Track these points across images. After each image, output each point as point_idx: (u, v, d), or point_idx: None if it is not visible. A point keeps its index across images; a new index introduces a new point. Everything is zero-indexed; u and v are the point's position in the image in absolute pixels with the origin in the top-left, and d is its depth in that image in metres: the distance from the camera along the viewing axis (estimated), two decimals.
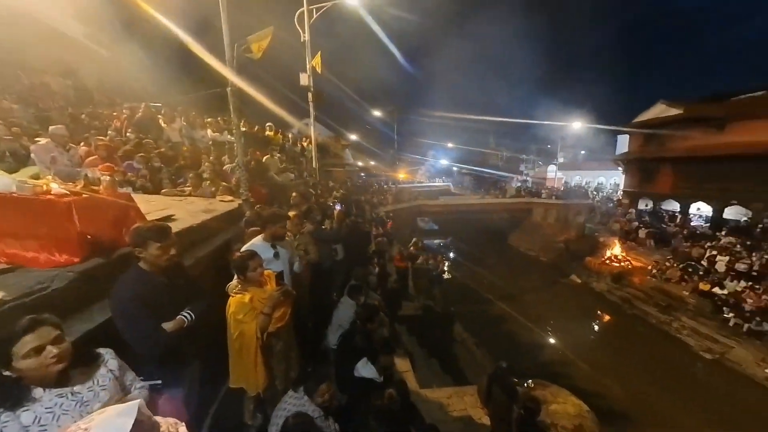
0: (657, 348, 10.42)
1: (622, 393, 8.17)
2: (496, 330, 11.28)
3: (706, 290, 11.48)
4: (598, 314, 12.88)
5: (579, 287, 15.31)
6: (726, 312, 10.38)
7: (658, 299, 12.40)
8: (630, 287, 13.82)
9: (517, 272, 17.69)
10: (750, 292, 10.56)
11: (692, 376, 9.15)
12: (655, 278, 13.50)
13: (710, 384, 8.77)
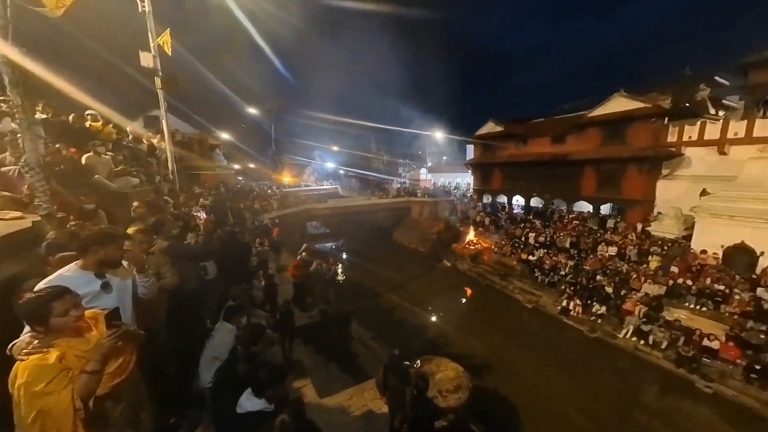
0: (501, 307, 13.64)
1: (483, 348, 10.29)
2: (388, 320, 12.16)
3: (525, 258, 15.85)
4: (463, 289, 15.77)
5: (449, 270, 18.36)
6: (536, 272, 14.64)
7: (499, 270, 16.28)
8: (482, 264, 17.59)
9: (402, 264, 19.62)
10: (546, 256, 15.24)
11: (522, 322, 12.44)
12: (497, 254, 17.66)
13: (531, 325, 12.17)
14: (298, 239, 16.42)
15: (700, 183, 14.17)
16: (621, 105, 16.71)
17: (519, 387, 8.47)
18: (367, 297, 14.22)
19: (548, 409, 7.79)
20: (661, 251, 13.14)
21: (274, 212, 18.63)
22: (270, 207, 19.49)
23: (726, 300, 9.78)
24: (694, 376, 8.48)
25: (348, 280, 16.62)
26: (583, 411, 7.80)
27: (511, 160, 23.39)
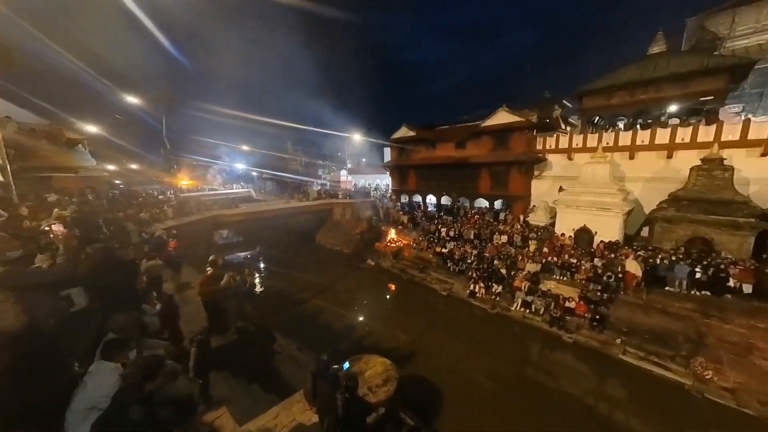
0: (421, 297, 14.80)
1: (407, 338, 10.99)
2: (315, 326, 11.77)
3: (439, 251, 17.57)
4: (387, 286, 16.48)
5: (373, 268, 18.92)
6: (448, 262, 16.41)
7: (419, 264, 17.62)
8: (403, 260, 18.73)
9: (326, 267, 19.28)
10: (456, 247, 17.24)
11: (439, 308, 13.76)
12: (415, 250, 19.07)
13: (447, 310, 13.58)
14: (204, 251, 14.35)
15: (558, 182, 18.31)
16: (504, 118, 20.21)
17: (439, 366, 9.38)
18: (291, 305, 13.48)
19: (463, 380, 8.87)
20: (537, 236, 16.45)
21: (170, 222, 15.82)
22: (163, 216, 16.46)
23: (577, 270, 12.92)
24: (561, 332, 10.93)
25: (269, 290, 15.39)
26: (490, 375, 9.17)
27: (423, 163, 25.61)
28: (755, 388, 7.83)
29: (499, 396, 8.37)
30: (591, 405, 8.10)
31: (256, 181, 41.05)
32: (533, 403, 8.09)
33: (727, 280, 10.31)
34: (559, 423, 7.45)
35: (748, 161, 13.03)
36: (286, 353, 8.57)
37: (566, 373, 9.48)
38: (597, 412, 7.83)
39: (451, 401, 7.90)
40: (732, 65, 15.20)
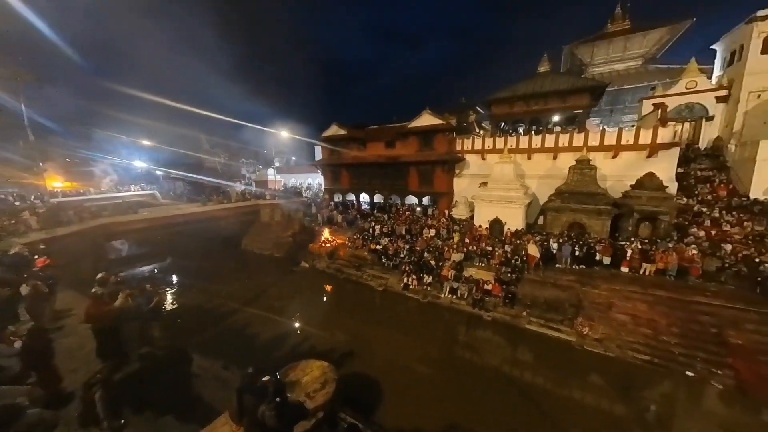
0: (358, 295, 14.92)
1: (346, 337, 10.96)
2: (244, 339, 10.77)
3: (373, 248, 17.95)
4: (323, 287, 16.10)
5: (308, 271, 18.25)
6: (383, 259, 16.91)
7: (354, 262, 17.69)
8: (339, 259, 18.55)
9: (255, 274, 17.81)
10: (389, 243, 17.87)
11: (375, 304, 14.09)
12: (351, 248, 19.08)
13: (383, 304, 14.01)
14: (91, 268, 11.68)
15: (475, 179, 20.58)
16: (428, 120, 21.73)
17: (377, 360, 9.63)
18: (215, 321, 12.03)
19: (401, 370, 9.30)
20: (459, 228, 18.22)
21: (36, 234, 12.43)
22: (23, 227, 12.84)
23: (492, 256, 14.79)
24: (482, 312, 12.38)
25: (185, 307, 13.43)
26: (424, 360, 9.81)
27: (356, 162, 25.74)
28: (614, 336, 10.23)
29: (433, 379, 9.04)
30: (507, 371, 9.42)
31: (163, 181, 35.21)
32: (463, 379, 8.99)
33: (595, 255, 13.20)
34: (485, 391, 8.45)
35: (605, 162, 16.83)
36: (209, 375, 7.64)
37: (487, 347, 10.79)
38: (512, 376, 9.15)
39: (391, 392, 8.20)
40: (592, 86, 19.38)
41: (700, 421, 7.65)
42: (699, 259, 11.71)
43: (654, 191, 14.23)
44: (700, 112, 21.08)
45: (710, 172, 18.69)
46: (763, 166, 15.64)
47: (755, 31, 18.09)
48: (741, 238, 13.20)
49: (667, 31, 29.19)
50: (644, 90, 27.23)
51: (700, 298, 10.64)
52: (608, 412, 7.85)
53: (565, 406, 7.92)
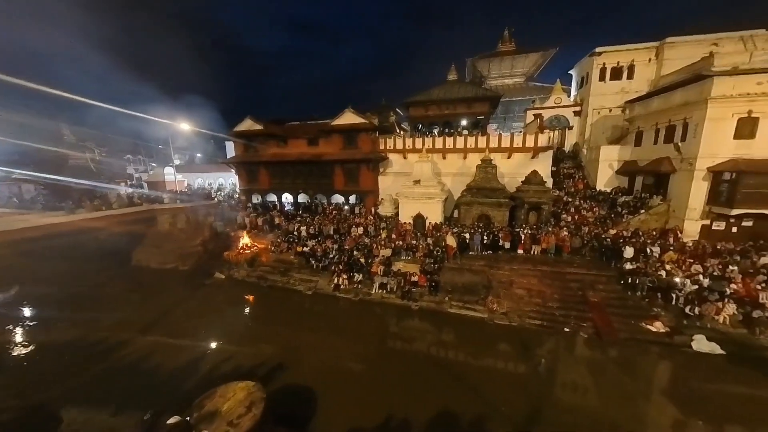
0: (285, 302, 13.98)
1: (274, 348, 10.13)
2: (142, 374, 8.89)
3: (300, 251, 17.09)
4: (244, 298, 14.55)
5: (225, 282, 16.20)
6: (311, 261, 16.25)
7: (279, 267, 16.52)
8: (261, 266, 17.03)
9: (154, 294, 14.90)
10: (317, 244, 17.28)
11: (305, 309, 13.45)
12: (275, 253, 17.74)
13: (313, 308, 13.46)
14: None
15: (398, 177, 21.57)
16: (351, 119, 21.73)
17: (311, 367, 9.21)
18: (93, 359, 9.58)
19: (336, 372, 9.10)
20: (386, 225, 18.86)
21: None
22: None
23: (417, 249, 15.79)
24: (410, 302, 13.11)
25: (44, 347, 10.30)
26: (359, 358, 9.84)
27: (276, 159, 23.98)
28: (516, 308, 12.16)
29: (369, 374, 9.13)
30: (435, 353, 10.21)
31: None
32: (397, 369, 9.33)
33: (499, 242, 15.41)
34: (417, 376, 8.96)
35: (503, 161, 19.76)
36: (91, 427, 6.07)
37: (417, 334, 11.49)
38: (440, 357, 9.95)
39: (328, 397, 7.95)
40: (490, 96, 22.45)
41: (573, 365, 9.76)
42: (568, 239, 14.86)
43: (538, 186, 17.40)
44: (564, 123, 26.69)
45: (572, 170, 23.90)
46: (603, 165, 20.79)
47: (595, 63, 23.83)
48: (593, 220, 17.29)
49: (540, 56, 35.92)
50: (527, 102, 32.96)
51: (570, 269, 13.53)
52: (514, 372, 9.30)
53: (483, 375, 9.03)
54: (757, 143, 13.77)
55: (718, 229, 14.80)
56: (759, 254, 12.94)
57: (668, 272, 12.07)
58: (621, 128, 22.57)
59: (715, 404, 7.97)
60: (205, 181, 37.49)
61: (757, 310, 10.36)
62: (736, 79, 13.70)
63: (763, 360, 9.29)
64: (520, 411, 7.56)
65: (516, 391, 8.34)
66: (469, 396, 8.08)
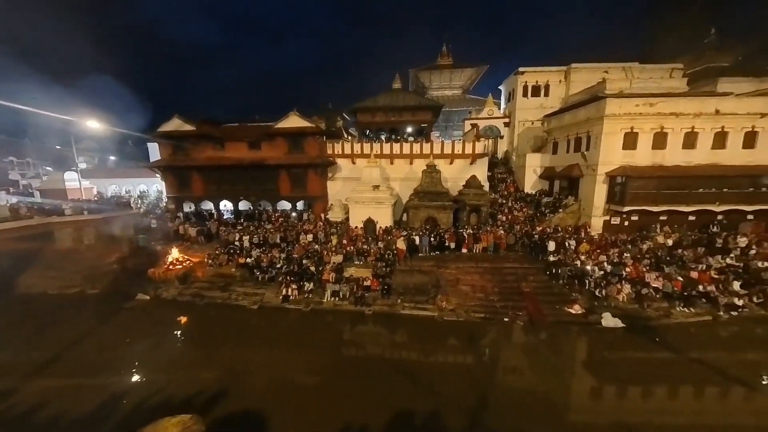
0: (227, 320, 12.72)
1: (214, 374, 9.10)
2: (36, 427, 7.17)
3: (243, 262, 15.78)
4: (175, 321, 12.83)
5: (150, 304, 14.08)
6: (256, 272, 15.12)
7: (219, 282, 15.00)
8: (196, 282, 15.26)
9: (50, 325, 12.24)
10: (263, 254, 16.15)
11: (250, 325, 12.41)
12: (212, 266, 16.07)
13: (259, 324, 12.50)
14: None
15: (347, 182, 21.44)
16: (296, 122, 20.98)
17: (259, 387, 8.51)
18: None
19: (287, 389, 8.55)
20: (337, 231, 18.55)
21: None
22: None
23: (368, 253, 15.83)
24: (363, 308, 13.03)
25: None
26: (312, 370, 9.40)
27: (212, 164, 21.87)
28: (462, 304, 12.96)
29: (324, 386, 8.77)
30: (389, 356, 10.29)
31: None
32: (353, 378, 9.15)
33: (445, 242, 16.32)
34: (372, 381, 8.90)
35: (445, 167, 21.05)
36: None
37: (371, 339, 11.46)
38: (393, 359, 10.06)
39: (279, 418, 7.39)
40: (432, 106, 23.84)
41: (512, 350, 10.80)
42: (504, 237, 16.44)
43: (477, 189, 18.93)
44: (496, 132, 29.64)
45: (504, 174, 26.60)
46: (529, 171, 23.57)
47: (519, 81, 27.04)
48: (523, 219, 19.44)
49: (474, 71, 39.47)
50: (465, 113, 35.80)
51: (506, 264, 14.97)
52: (463, 364, 9.87)
53: (436, 371, 9.39)
54: (638, 153, 17.09)
55: (615, 224, 17.89)
56: (643, 242, 16.01)
57: (582, 262, 14.16)
58: (541, 138, 25.90)
59: (619, 368, 9.59)
60: (121, 187, 32.34)
61: (644, 288, 12.77)
62: (622, 101, 16.86)
63: (650, 328, 11.44)
64: (470, 400, 8.04)
65: (466, 382, 8.85)
66: (424, 394, 8.32)
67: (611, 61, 24.64)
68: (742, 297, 12.32)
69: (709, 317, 12.00)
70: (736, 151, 16.77)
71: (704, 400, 8.45)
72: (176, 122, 21.71)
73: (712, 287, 12.59)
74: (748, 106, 16.50)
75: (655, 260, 14.39)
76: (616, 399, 8.59)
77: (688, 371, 9.23)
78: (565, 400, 8.51)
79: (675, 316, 12.05)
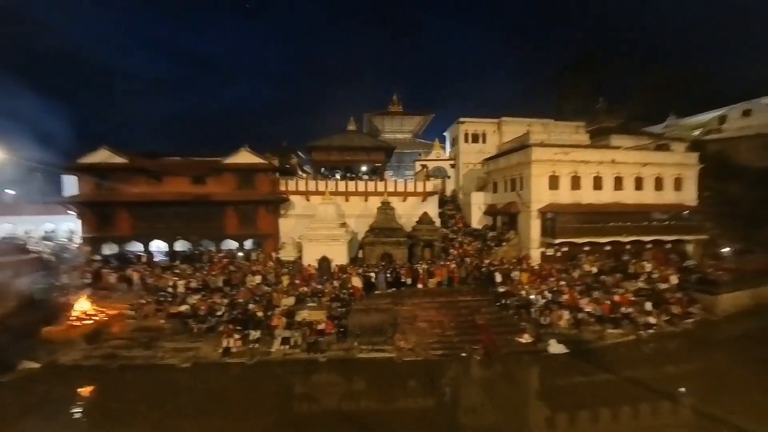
0: (148, 386, 10.54)
1: None
2: None
3: (175, 312, 13.71)
4: (75, 393, 10.23)
5: (40, 373, 11.11)
6: (190, 323, 13.18)
7: (141, 338, 12.65)
8: (111, 340, 12.67)
9: None
10: (201, 301, 14.29)
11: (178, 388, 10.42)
12: (135, 319, 13.62)
13: (191, 385, 10.56)
14: None
15: (301, 220, 20.82)
16: (247, 158, 20.38)
17: None
18: None
19: None
20: (289, 270, 17.45)
21: None
22: None
23: (323, 294, 15.01)
24: (317, 354, 11.97)
25: None
26: None
27: (147, 200, 19.64)
28: (420, 342, 12.70)
29: None
30: (345, 407, 9.35)
31: None
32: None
33: (401, 278, 16.33)
34: None
35: (399, 204, 21.85)
36: None
37: (326, 390, 10.42)
38: (350, 410, 9.13)
39: None
40: (385, 147, 25.30)
41: (470, 386, 10.70)
42: (456, 270, 17.08)
43: (429, 225, 19.81)
44: (444, 173, 32.19)
45: (453, 211, 28.47)
46: (474, 207, 25.64)
47: (461, 128, 30.47)
48: (473, 252, 20.60)
49: (422, 118, 43.56)
50: (415, 155, 38.56)
51: (460, 297, 15.37)
52: (423, 408, 9.39)
53: (396, 418, 8.73)
54: (561, 193, 19.85)
55: (550, 254, 19.92)
56: (574, 270, 17.95)
57: (527, 291, 15.21)
58: (483, 179, 28.78)
59: (568, 395, 10.00)
60: (16, 227, 26.93)
61: (580, 313, 14.04)
62: (544, 149, 19.87)
63: (590, 351, 12.39)
64: None
65: (428, 428, 8.36)
66: None
67: (533, 117, 29.38)
68: (654, 316, 14.23)
69: (633, 336, 13.50)
70: (630, 192, 20.52)
71: (640, 418, 9.13)
72: (104, 153, 19.51)
73: (631, 309, 14.36)
74: (633, 157, 20.68)
75: (585, 287, 16.10)
76: (568, 426, 8.82)
77: (624, 390, 10.01)
78: None
79: (608, 338, 13.30)
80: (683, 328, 14.36)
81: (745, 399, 9.18)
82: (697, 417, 8.91)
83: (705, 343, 13.65)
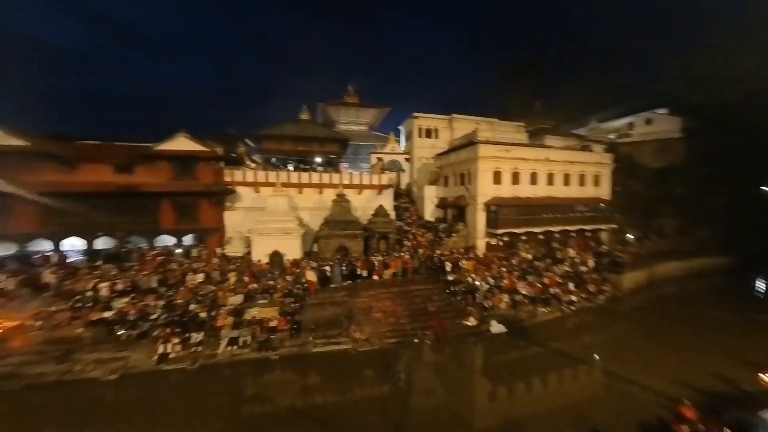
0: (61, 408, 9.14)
1: None
2: None
3: (97, 318, 12.02)
4: None
5: None
6: (117, 329, 11.68)
7: (52, 351, 10.87)
8: (10, 357, 10.66)
9: None
10: (129, 304, 12.73)
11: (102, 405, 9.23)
12: (43, 329, 11.62)
13: (118, 400, 9.44)
14: None
15: (249, 212, 19.56)
16: (185, 145, 18.39)
17: None
18: None
19: None
20: (236, 267, 16.36)
21: None
22: None
23: (275, 290, 14.42)
24: (269, 353, 11.54)
25: None
26: None
27: (56, 190, 16.58)
28: (376, 332, 13.00)
29: None
30: (301, 404, 9.22)
31: None
32: None
33: (357, 271, 16.41)
34: None
35: (355, 197, 21.78)
36: None
37: (279, 388, 10.12)
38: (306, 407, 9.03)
39: None
40: (340, 139, 24.84)
41: (423, 370, 11.32)
42: (410, 261, 17.71)
43: (384, 217, 20.11)
44: (398, 166, 32.81)
45: (407, 204, 29.29)
46: (427, 201, 26.67)
47: (416, 123, 31.23)
48: (426, 244, 21.50)
49: (378, 111, 43.48)
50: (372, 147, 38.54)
51: (414, 287, 16.01)
52: (379, 396, 9.68)
53: (353, 409, 8.89)
54: (503, 187, 21.63)
55: (494, 244, 21.72)
56: (513, 258, 19.86)
57: (473, 278, 16.43)
58: (435, 173, 30.00)
59: (507, 369, 11.21)
60: None
61: (517, 295, 15.63)
62: (489, 146, 21.37)
63: (523, 329, 13.93)
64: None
65: (383, 414, 8.66)
66: None
67: (481, 116, 31.30)
68: (575, 294, 16.49)
69: (559, 313, 15.50)
70: (560, 188, 23.19)
71: (564, 383, 10.63)
72: None
73: (557, 289, 16.43)
74: (563, 156, 23.36)
75: (521, 272, 17.94)
76: (507, 398, 9.90)
77: (552, 360, 11.52)
78: (470, 410, 9.32)
79: (539, 316, 15.08)
80: (597, 303, 16.92)
81: (640, 357, 11.27)
82: (606, 376, 10.70)
83: (613, 314, 16.27)
